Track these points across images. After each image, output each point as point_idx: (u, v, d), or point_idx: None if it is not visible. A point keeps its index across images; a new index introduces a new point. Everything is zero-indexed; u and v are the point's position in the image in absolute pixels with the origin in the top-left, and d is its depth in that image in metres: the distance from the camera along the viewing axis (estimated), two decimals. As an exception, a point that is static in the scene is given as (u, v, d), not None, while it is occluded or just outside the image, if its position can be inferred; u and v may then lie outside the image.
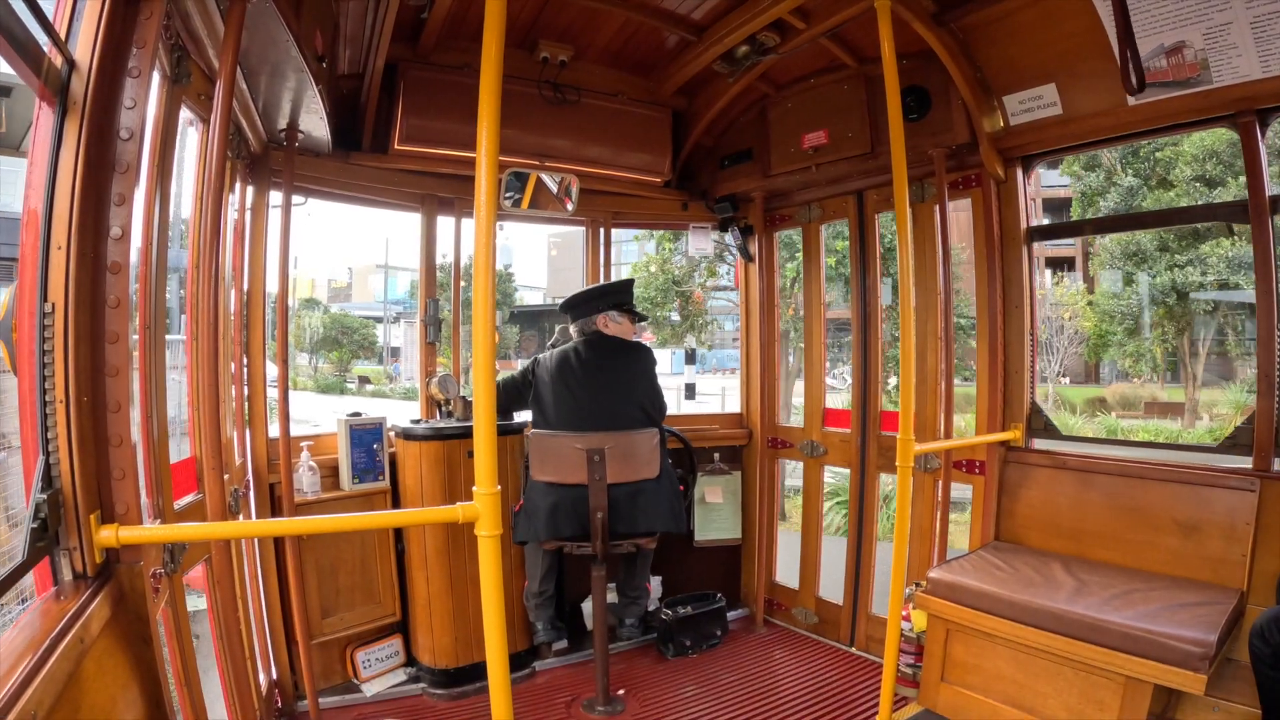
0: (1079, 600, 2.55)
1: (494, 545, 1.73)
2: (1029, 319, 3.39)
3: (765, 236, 4.43)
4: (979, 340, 3.49)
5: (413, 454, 3.54)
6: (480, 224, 1.70)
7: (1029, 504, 3.28)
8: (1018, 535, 3.30)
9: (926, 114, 3.36)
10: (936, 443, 3.45)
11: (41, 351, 1.52)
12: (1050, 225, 6.66)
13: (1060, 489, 3.20)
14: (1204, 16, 2.55)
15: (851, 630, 3.99)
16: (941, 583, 2.88)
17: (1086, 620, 2.44)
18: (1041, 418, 3.40)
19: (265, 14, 2.10)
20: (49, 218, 1.51)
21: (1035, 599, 2.60)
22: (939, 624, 2.89)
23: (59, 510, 1.53)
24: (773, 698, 3.44)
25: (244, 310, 3.25)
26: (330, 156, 3.44)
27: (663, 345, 21.83)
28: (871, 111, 3.53)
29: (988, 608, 2.71)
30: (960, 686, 2.83)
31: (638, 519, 3.28)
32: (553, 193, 3.69)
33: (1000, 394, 3.39)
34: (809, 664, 3.82)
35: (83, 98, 1.52)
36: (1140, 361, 16.10)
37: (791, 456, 4.37)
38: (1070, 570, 2.83)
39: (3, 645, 1.27)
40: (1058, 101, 3.05)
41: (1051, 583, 2.73)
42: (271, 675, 3.28)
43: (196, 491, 2.57)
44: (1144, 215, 9.32)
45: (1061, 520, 3.17)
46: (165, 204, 2.20)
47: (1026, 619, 2.59)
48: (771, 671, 3.76)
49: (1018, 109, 3.18)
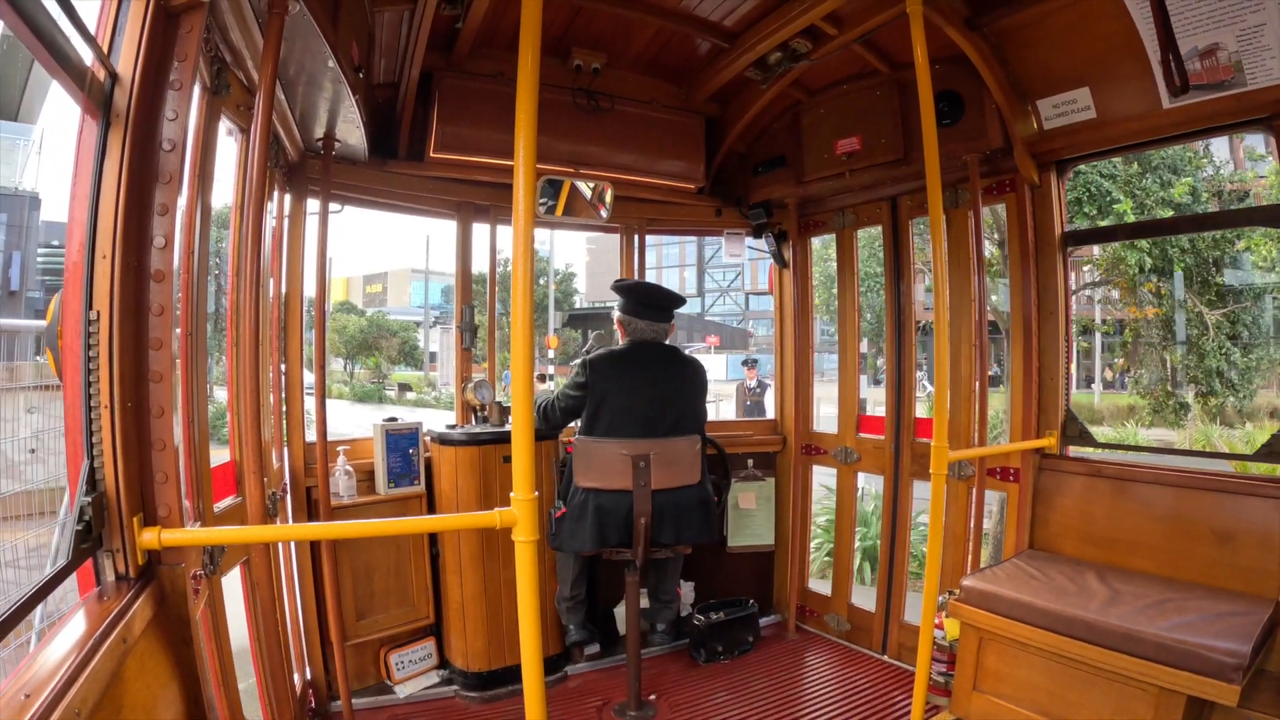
0: (1112, 610, 2.50)
1: (531, 550, 1.74)
2: (1064, 325, 3.33)
3: (799, 243, 4.40)
4: (1013, 347, 3.44)
5: (448, 459, 3.57)
6: (519, 232, 1.71)
7: (1063, 512, 3.22)
8: (1052, 543, 3.24)
9: (960, 119, 3.31)
10: (970, 450, 3.40)
11: (87, 358, 1.56)
12: (1085, 230, 6.49)
13: (1095, 497, 3.13)
14: (1237, 18, 2.49)
15: (884, 638, 3.94)
16: (975, 591, 2.83)
17: (1120, 630, 2.39)
18: (1076, 425, 3.33)
19: (303, 26, 2.14)
20: (93, 227, 1.54)
21: (1068, 608, 2.56)
22: (972, 632, 2.85)
23: (103, 513, 1.57)
24: (804, 705, 3.41)
25: (281, 316, 3.31)
26: (367, 165, 3.49)
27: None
28: (904, 117, 3.49)
29: (1021, 616, 2.66)
30: (992, 696, 2.78)
31: (682, 531, 3.26)
32: (586, 199, 3.71)
33: (1035, 401, 3.34)
34: (841, 671, 3.78)
35: (126, 110, 1.56)
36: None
37: (825, 463, 4.33)
38: (1104, 579, 2.78)
39: (49, 643, 1.30)
40: (1092, 105, 2.99)
41: (1085, 592, 2.68)
42: (306, 676, 3.34)
43: (235, 495, 2.62)
44: (1179, 220, 9.12)
45: (1096, 528, 3.10)
46: (206, 213, 2.25)
47: (1060, 628, 2.54)
48: (803, 678, 3.73)
49: (1051, 113, 3.12)
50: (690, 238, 37.97)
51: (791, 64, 3.44)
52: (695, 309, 49.69)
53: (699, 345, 40.23)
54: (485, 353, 4.14)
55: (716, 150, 4.18)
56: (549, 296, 30.98)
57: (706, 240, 37.24)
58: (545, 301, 30.73)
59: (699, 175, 4.13)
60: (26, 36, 1.21)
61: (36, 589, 1.34)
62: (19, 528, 3.83)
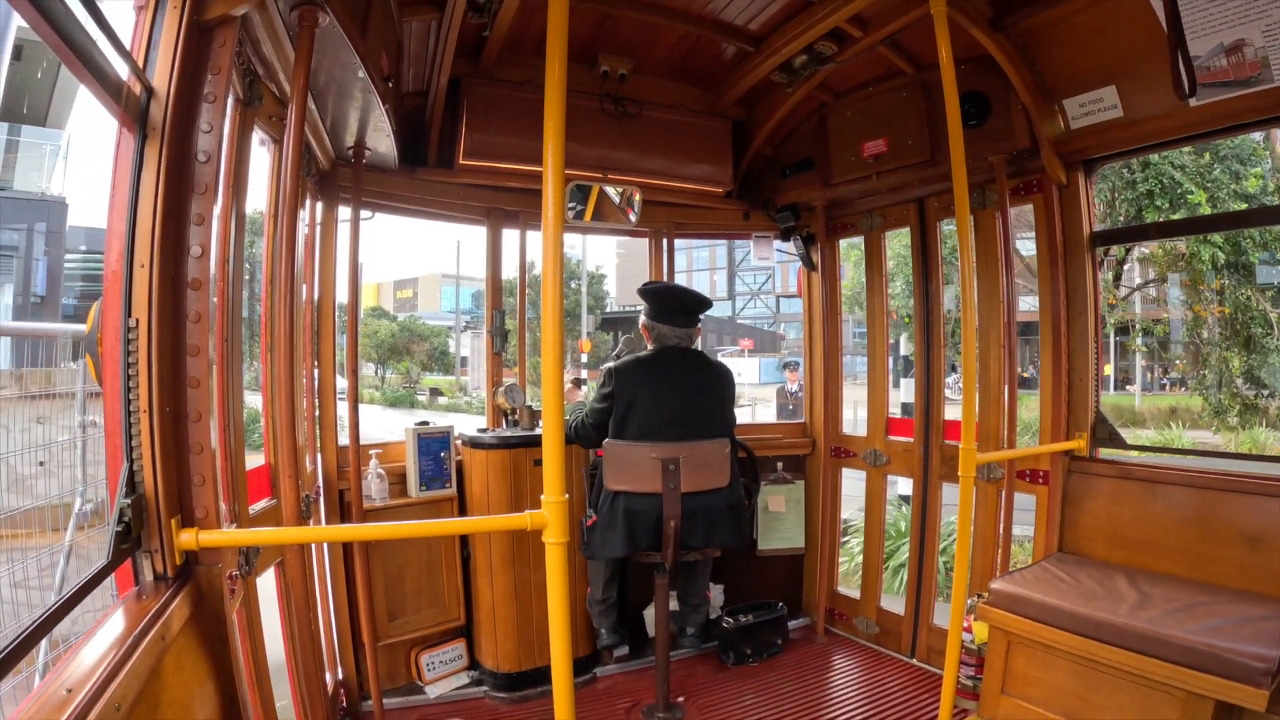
0: (1141, 613, 2.46)
1: (561, 552, 1.75)
2: (1093, 326, 3.29)
3: (828, 245, 4.39)
4: (1042, 348, 3.40)
5: (479, 462, 3.61)
6: (548, 238, 1.72)
7: (1093, 514, 3.18)
8: (1081, 546, 3.19)
9: (986, 120, 3.29)
10: (999, 452, 3.37)
11: (126, 364, 1.60)
12: (1115, 230, 6.38)
13: (1125, 499, 3.08)
14: (1263, 13, 2.43)
15: (913, 641, 3.91)
16: (1003, 594, 2.80)
17: (1148, 634, 2.36)
18: (1106, 427, 3.28)
19: (333, 38, 2.18)
20: (132, 237, 1.59)
21: (1097, 612, 2.52)
22: (1000, 636, 2.82)
23: (142, 514, 1.61)
24: (832, 708, 3.40)
25: (314, 322, 3.37)
26: (397, 172, 3.54)
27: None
28: (931, 118, 3.47)
29: (1049, 620, 2.63)
30: (1020, 699, 2.75)
31: (712, 534, 3.26)
32: (615, 204, 3.73)
33: (1064, 403, 3.30)
34: (869, 675, 3.76)
35: (162, 123, 1.61)
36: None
37: (854, 466, 4.31)
38: (1134, 582, 2.74)
39: (89, 640, 1.34)
40: (1118, 104, 2.95)
41: (1114, 595, 2.64)
42: (337, 675, 3.39)
43: (269, 497, 2.67)
44: (1213, 218, 8.93)
45: (1125, 531, 3.06)
46: (240, 222, 2.31)
47: (1088, 632, 2.51)
48: (831, 681, 3.72)
49: (1078, 112, 3.08)
50: (720, 240, 37.85)
51: (817, 67, 3.43)
52: (726, 312, 49.59)
53: (731, 349, 40.12)
54: (516, 357, 4.17)
55: (744, 153, 4.17)
56: (581, 300, 30.94)
57: (736, 243, 37.18)
58: (577, 305, 30.73)
59: (727, 179, 4.13)
60: (64, 52, 1.26)
61: (78, 588, 1.38)
62: (29, 546, 3.64)
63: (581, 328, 30.04)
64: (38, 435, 3.91)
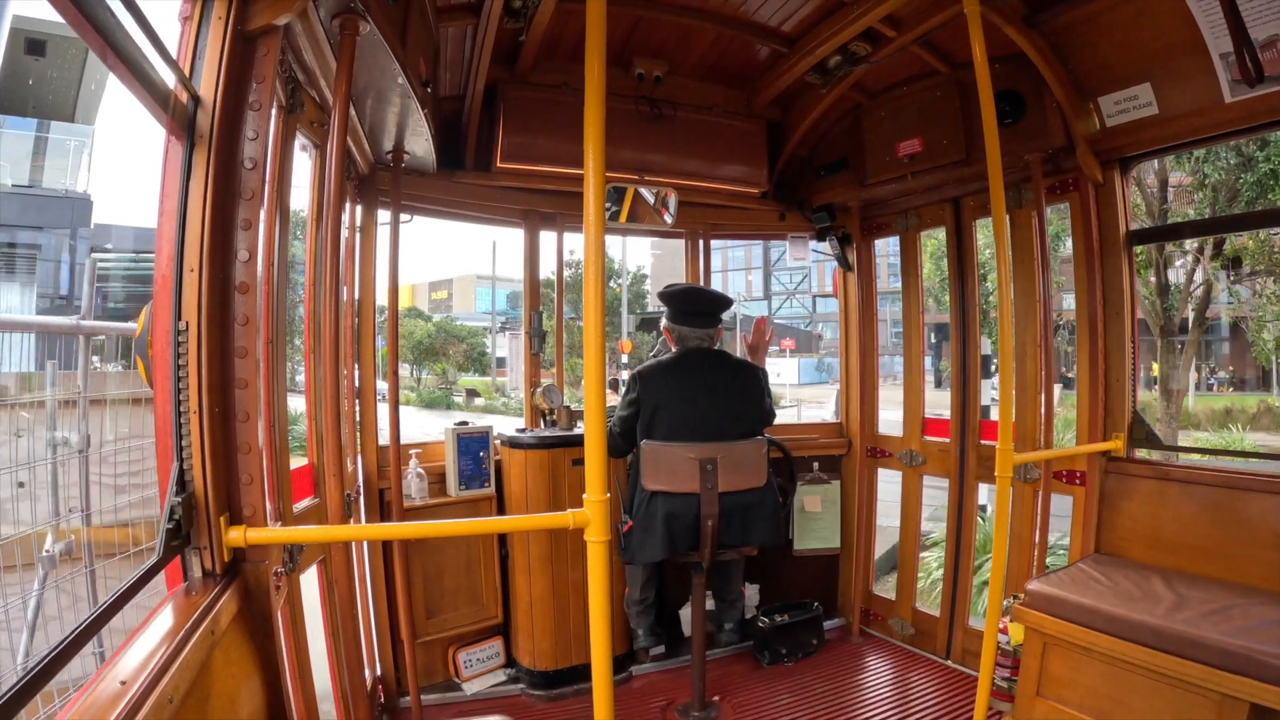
0: (1177, 615, 2.43)
1: (603, 551, 1.76)
2: (1130, 325, 3.24)
3: (863, 245, 4.37)
4: (1079, 348, 3.35)
5: (518, 462, 3.65)
6: (589, 239, 1.74)
7: (1130, 516, 3.13)
8: (1118, 548, 3.15)
9: (1021, 118, 3.25)
10: (1035, 453, 3.33)
11: (176, 366, 1.65)
12: (1151, 229, 6.21)
13: (1162, 500, 3.04)
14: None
15: (948, 642, 3.88)
16: (1040, 595, 2.77)
17: (1184, 635, 2.32)
18: (1143, 427, 3.23)
19: (373, 45, 2.22)
20: (181, 243, 1.63)
21: (1133, 613, 2.49)
22: (1036, 637, 2.78)
23: (192, 512, 1.65)
24: (866, 709, 3.39)
25: (355, 324, 3.42)
26: (435, 176, 3.59)
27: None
28: (965, 117, 3.44)
29: (1085, 621, 2.59)
30: (1055, 701, 2.71)
31: (749, 532, 3.25)
32: (650, 205, 3.74)
33: (1101, 403, 3.25)
34: (904, 676, 3.74)
35: (209, 131, 1.65)
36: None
37: (890, 466, 4.28)
38: (1170, 584, 2.69)
39: (139, 635, 1.38)
40: (1153, 101, 2.90)
41: (1150, 597, 2.60)
42: (376, 672, 3.44)
43: (312, 496, 2.72)
44: (1248, 216, 8.67)
45: (1162, 533, 3.00)
46: (285, 226, 2.36)
47: (1124, 633, 2.47)
48: (865, 682, 3.71)
49: (1113, 110, 3.03)
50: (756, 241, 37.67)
51: (851, 67, 3.42)
52: (762, 312, 49.32)
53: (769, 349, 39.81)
54: (553, 358, 4.21)
55: (779, 154, 4.16)
56: (622, 300, 30.77)
57: (772, 243, 36.92)
58: (618, 305, 30.60)
59: (762, 179, 4.12)
60: (114, 63, 1.30)
61: (131, 583, 1.42)
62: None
63: (622, 328, 29.94)
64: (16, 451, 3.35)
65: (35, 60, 14.08)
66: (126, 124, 54.20)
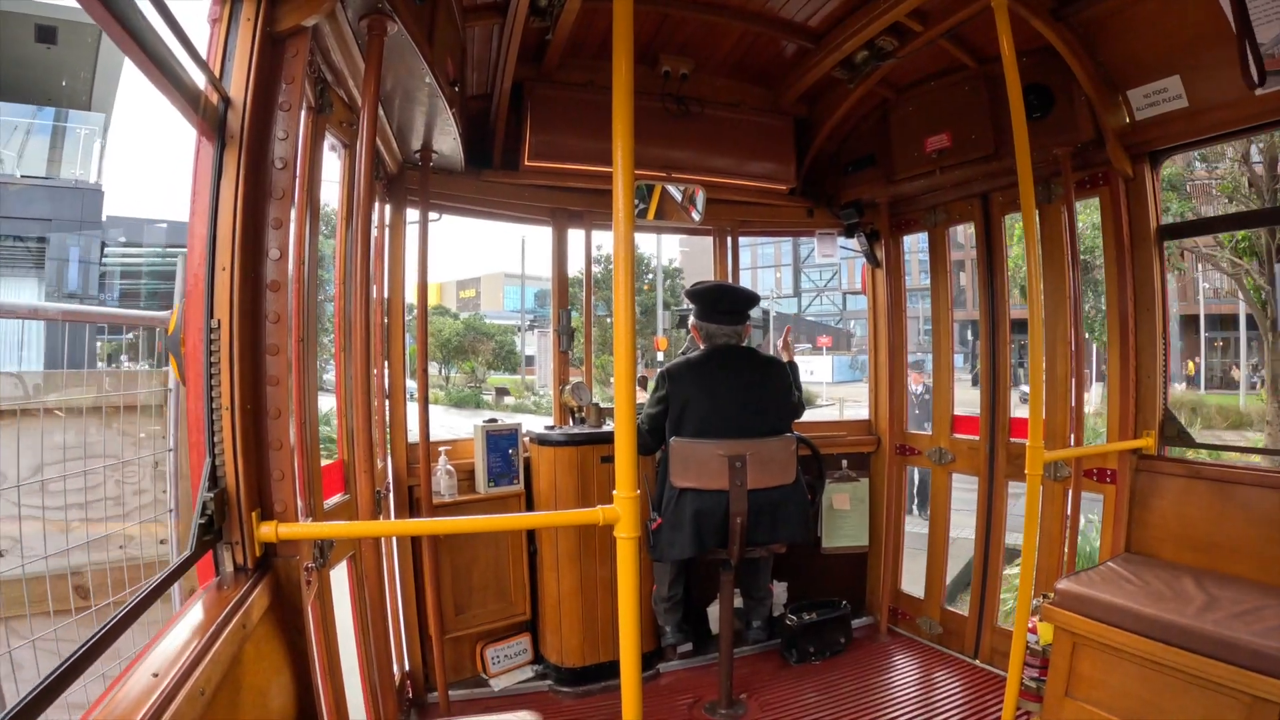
0: (1208, 615, 2.39)
1: (633, 547, 1.76)
2: (1161, 322, 3.18)
3: (892, 241, 4.33)
4: (1109, 344, 3.30)
5: (547, 459, 3.66)
6: (619, 237, 1.74)
7: (1161, 514, 3.08)
8: (1149, 547, 3.10)
9: (1050, 112, 3.21)
10: (1066, 450, 3.29)
11: (209, 363, 1.67)
12: (1182, 223, 6.03)
13: (1194, 499, 2.98)
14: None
15: (976, 642, 3.84)
16: (1069, 594, 2.73)
17: (1214, 636, 2.28)
18: (1175, 424, 3.17)
19: (401, 45, 2.24)
20: (213, 241, 1.66)
21: (1164, 613, 2.45)
22: (1065, 637, 2.75)
23: (224, 508, 1.68)
24: (893, 708, 3.37)
25: (384, 322, 3.45)
26: (463, 174, 3.61)
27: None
28: (994, 112, 3.40)
29: (1115, 621, 2.56)
30: (1084, 702, 2.67)
31: (778, 529, 3.24)
32: (677, 203, 3.74)
33: (1132, 400, 3.20)
34: (931, 675, 3.72)
35: (239, 132, 1.67)
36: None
37: (919, 464, 4.24)
38: (1201, 584, 2.65)
39: (171, 629, 1.40)
40: (1183, 94, 2.86)
41: (1181, 597, 2.56)
42: (404, 667, 3.47)
43: (342, 493, 2.75)
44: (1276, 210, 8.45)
45: (1194, 532, 2.95)
46: (314, 225, 2.38)
47: (1154, 633, 2.43)
48: (893, 681, 3.68)
49: (1142, 103, 2.99)
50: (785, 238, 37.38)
51: (878, 62, 3.39)
52: (792, 309, 49.03)
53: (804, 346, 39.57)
54: (582, 355, 4.22)
55: (806, 150, 4.14)
56: (657, 296, 30.60)
57: (802, 240, 36.60)
58: (652, 301, 30.36)
59: (789, 176, 4.10)
60: (145, 65, 1.32)
61: (165, 576, 1.44)
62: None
63: (658, 324, 29.77)
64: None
65: (47, 49, 13.42)
66: (145, 112, 53.96)
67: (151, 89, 1.39)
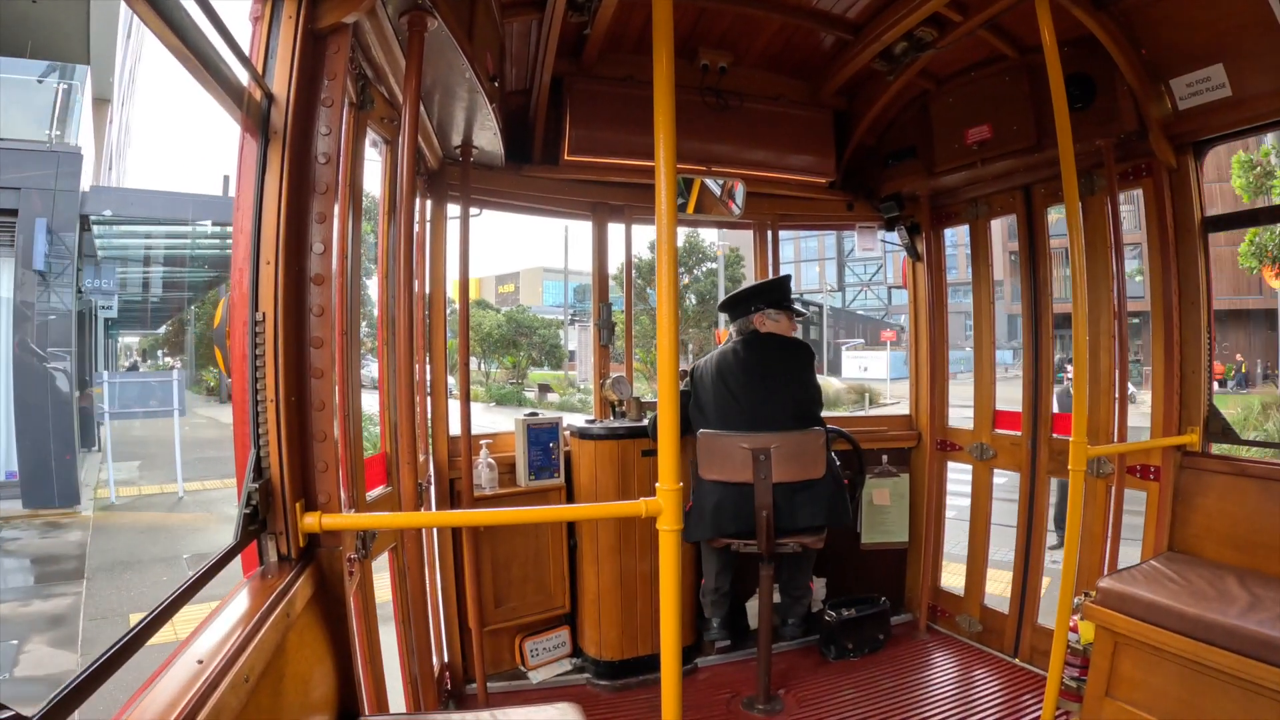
0: (1251, 616, 2.31)
1: (675, 540, 1.75)
2: (1206, 316, 3.09)
3: (933, 235, 4.27)
4: (1153, 339, 3.23)
5: (587, 452, 3.68)
6: (661, 230, 1.73)
7: (1205, 512, 3.00)
8: (1192, 545, 3.02)
9: (1092, 102, 3.13)
10: (1109, 446, 3.22)
11: (254, 356, 1.70)
12: (1227, 215, 5.81)
13: (1239, 497, 2.90)
14: None
15: (1016, 640, 3.78)
16: (1111, 593, 2.67)
17: (1258, 637, 2.22)
18: (1220, 421, 3.08)
19: (441, 41, 2.26)
20: (258, 236, 1.68)
21: (1206, 613, 2.38)
22: (1106, 636, 2.69)
23: (268, 498, 1.71)
24: (931, 706, 3.32)
25: (426, 316, 3.49)
26: (504, 170, 3.63)
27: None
28: (1035, 103, 3.33)
29: (1157, 620, 2.49)
30: (1124, 702, 2.61)
31: (797, 514, 3.23)
32: (716, 196, 3.72)
33: (1176, 395, 3.12)
34: (970, 673, 3.66)
35: (283, 128, 1.69)
36: None
37: (960, 459, 4.17)
38: (1245, 584, 2.57)
39: (216, 617, 1.43)
40: (1226, 83, 2.79)
41: (1224, 596, 2.49)
42: (444, 658, 3.50)
43: (385, 485, 2.79)
44: None
45: (1238, 530, 2.87)
46: (357, 220, 2.41)
47: (1196, 633, 2.37)
48: (931, 679, 3.63)
49: (1185, 92, 2.92)
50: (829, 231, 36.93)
51: (917, 53, 3.34)
52: (837, 303, 48.56)
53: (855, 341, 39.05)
54: (623, 349, 4.22)
55: (846, 143, 4.09)
56: (718, 284, 29.94)
57: (846, 233, 36.10)
58: (713, 290, 29.89)
59: (829, 169, 4.05)
60: (190, 62, 1.34)
61: (209, 566, 1.47)
62: None
63: (720, 318, 29.24)
64: None
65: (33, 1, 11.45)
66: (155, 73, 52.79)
67: (189, 77, 1.40)
